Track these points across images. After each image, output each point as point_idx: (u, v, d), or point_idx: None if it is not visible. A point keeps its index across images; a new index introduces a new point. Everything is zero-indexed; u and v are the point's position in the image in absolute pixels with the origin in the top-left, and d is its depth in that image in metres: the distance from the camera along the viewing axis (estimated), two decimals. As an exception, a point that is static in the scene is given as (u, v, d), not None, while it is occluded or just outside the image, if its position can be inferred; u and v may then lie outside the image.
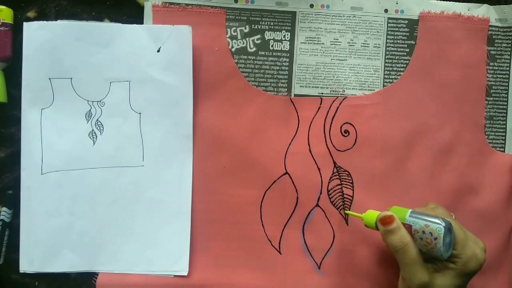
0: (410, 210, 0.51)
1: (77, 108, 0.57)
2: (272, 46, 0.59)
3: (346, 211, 0.58)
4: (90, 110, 0.57)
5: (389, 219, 0.50)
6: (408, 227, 0.50)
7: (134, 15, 0.59)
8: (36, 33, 0.56)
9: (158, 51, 0.57)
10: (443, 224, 0.48)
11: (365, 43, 0.60)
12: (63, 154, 0.57)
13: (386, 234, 0.50)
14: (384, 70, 0.60)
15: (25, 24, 0.56)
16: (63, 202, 0.57)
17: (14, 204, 0.57)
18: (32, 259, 0.57)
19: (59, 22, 0.57)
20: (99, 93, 0.57)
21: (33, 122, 0.57)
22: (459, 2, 0.60)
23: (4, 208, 0.57)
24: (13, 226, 0.58)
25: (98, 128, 0.57)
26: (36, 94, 0.56)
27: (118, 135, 0.57)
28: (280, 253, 0.59)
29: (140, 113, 0.57)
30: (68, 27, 0.56)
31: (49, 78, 0.56)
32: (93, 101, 0.57)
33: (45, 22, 0.57)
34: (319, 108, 0.59)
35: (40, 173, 0.56)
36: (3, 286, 0.58)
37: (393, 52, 0.60)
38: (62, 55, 0.56)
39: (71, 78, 0.57)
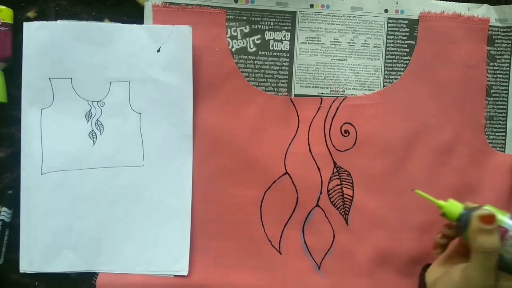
0: (508, 214, 0.47)
1: (77, 108, 0.57)
2: (272, 46, 0.59)
3: (416, 190, 0.52)
4: (90, 110, 0.57)
5: (491, 219, 0.45)
6: (504, 231, 0.46)
7: (134, 15, 0.59)
8: (36, 33, 0.56)
9: (158, 51, 0.57)
10: None
11: (365, 43, 0.60)
12: (63, 154, 0.57)
13: (479, 232, 0.46)
14: (384, 70, 0.60)
15: (25, 24, 0.56)
16: (63, 202, 0.57)
17: (14, 204, 0.57)
18: (32, 259, 0.57)
19: (59, 22, 0.57)
20: (99, 93, 0.57)
21: (33, 122, 0.57)
22: (459, 2, 0.60)
23: (4, 208, 0.57)
24: (13, 226, 0.58)
25: (98, 128, 0.57)
26: (36, 94, 0.57)
27: (118, 135, 0.57)
28: (280, 253, 0.59)
29: (140, 113, 0.57)
30: (68, 27, 0.57)
31: (49, 78, 0.57)
32: (93, 101, 0.57)
33: (45, 22, 0.57)
34: (319, 108, 0.60)
35: (40, 173, 0.57)
36: (3, 286, 0.58)
37: (393, 52, 0.60)
38: (62, 55, 0.57)
39: (71, 78, 0.57)
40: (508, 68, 0.61)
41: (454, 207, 0.49)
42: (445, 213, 0.50)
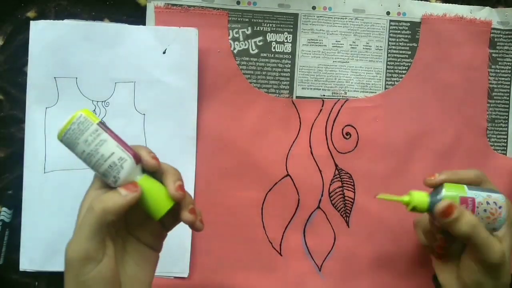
0: (465, 185, 0.48)
1: (82, 108, 0.57)
2: (274, 48, 0.61)
3: (378, 196, 0.50)
4: (94, 110, 0.58)
5: (449, 210, 0.45)
6: (471, 201, 0.47)
7: (134, 15, 0.60)
8: (43, 32, 0.57)
9: (164, 52, 0.58)
10: (502, 193, 0.48)
11: (367, 45, 0.61)
12: (66, 153, 0.55)
13: (451, 224, 0.45)
14: (386, 73, 0.61)
15: (32, 22, 0.57)
16: (65, 201, 0.57)
17: (14, 204, 0.58)
18: (32, 258, 0.57)
19: (66, 21, 0.58)
20: (104, 93, 0.58)
21: (37, 121, 0.58)
22: (461, 4, 0.62)
23: (4, 208, 0.58)
24: (13, 226, 0.58)
25: (102, 128, 0.58)
26: (41, 92, 0.58)
27: (122, 135, 0.54)
28: (281, 255, 0.60)
29: (144, 114, 0.59)
30: (74, 26, 0.58)
31: (55, 77, 0.58)
32: (97, 101, 0.58)
33: (51, 21, 0.58)
34: (320, 110, 0.61)
35: (43, 172, 0.57)
36: (3, 286, 0.59)
37: (395, 55, 0.61)
38: (68, 54, 0.58)
39: (77, 78, 0.58)
40: (510, 71, 0.62)
41: (421, 198, 0.48)
42: (414, 207, 0.48)
